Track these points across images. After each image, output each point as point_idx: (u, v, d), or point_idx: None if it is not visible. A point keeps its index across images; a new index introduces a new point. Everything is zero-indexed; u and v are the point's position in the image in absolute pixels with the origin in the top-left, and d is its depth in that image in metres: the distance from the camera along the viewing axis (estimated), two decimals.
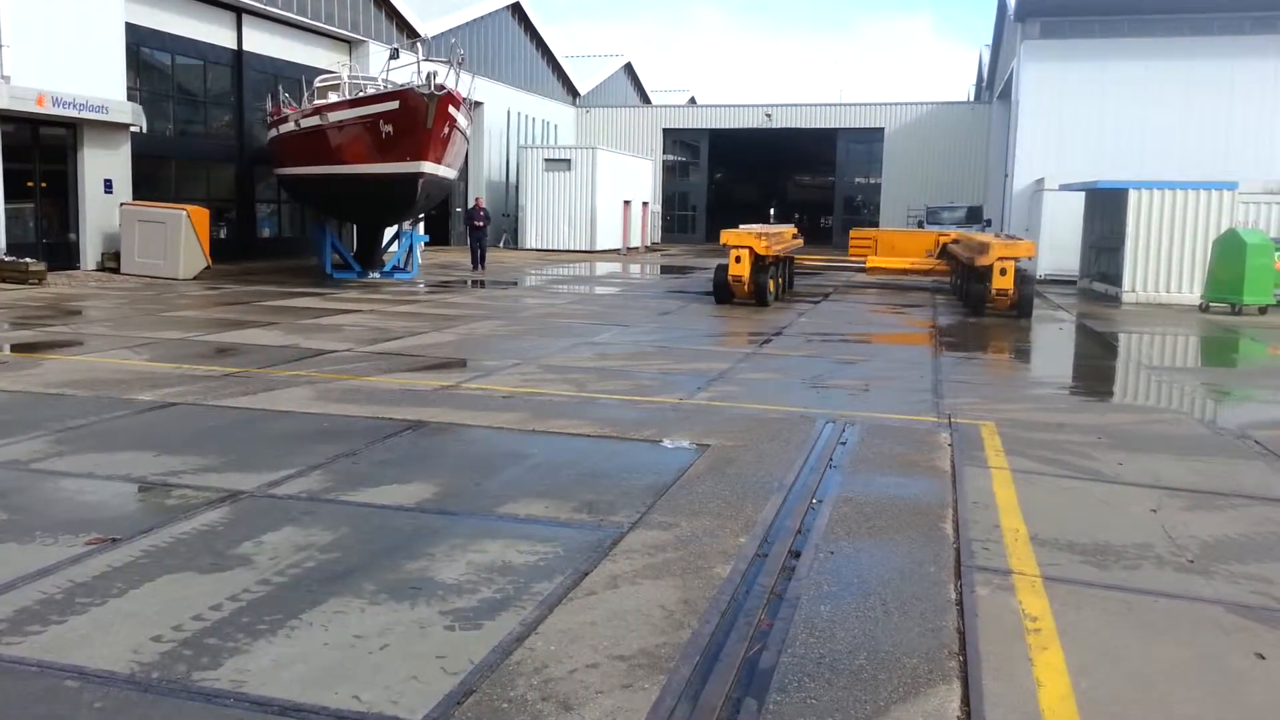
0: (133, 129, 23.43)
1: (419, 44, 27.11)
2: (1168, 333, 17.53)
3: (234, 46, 28.73)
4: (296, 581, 4.76)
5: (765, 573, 5.02)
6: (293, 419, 8.36)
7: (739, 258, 19.15)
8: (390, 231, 25.79)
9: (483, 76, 36.54)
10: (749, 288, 19.35)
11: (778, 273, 21.03)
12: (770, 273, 19.97)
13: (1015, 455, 7.62)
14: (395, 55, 23.36)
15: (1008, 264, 18.44)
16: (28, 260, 20.12)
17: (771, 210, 46.00)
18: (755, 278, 19.33)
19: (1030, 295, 19.11)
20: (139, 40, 25.05)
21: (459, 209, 39.05)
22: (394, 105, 20.67)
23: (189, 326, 14.54)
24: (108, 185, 23.09)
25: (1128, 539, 5.71)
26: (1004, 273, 18.44)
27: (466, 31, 39.33)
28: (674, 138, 55.76)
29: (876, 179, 52.31)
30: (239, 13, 28.47)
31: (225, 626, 4.23)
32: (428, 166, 21.18)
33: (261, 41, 29.54)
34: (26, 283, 19.57)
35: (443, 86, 20.08)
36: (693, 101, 66.75)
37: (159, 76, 27.15)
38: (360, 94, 23.32)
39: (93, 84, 22.01)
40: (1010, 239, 21.31)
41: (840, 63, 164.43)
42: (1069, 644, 4.27)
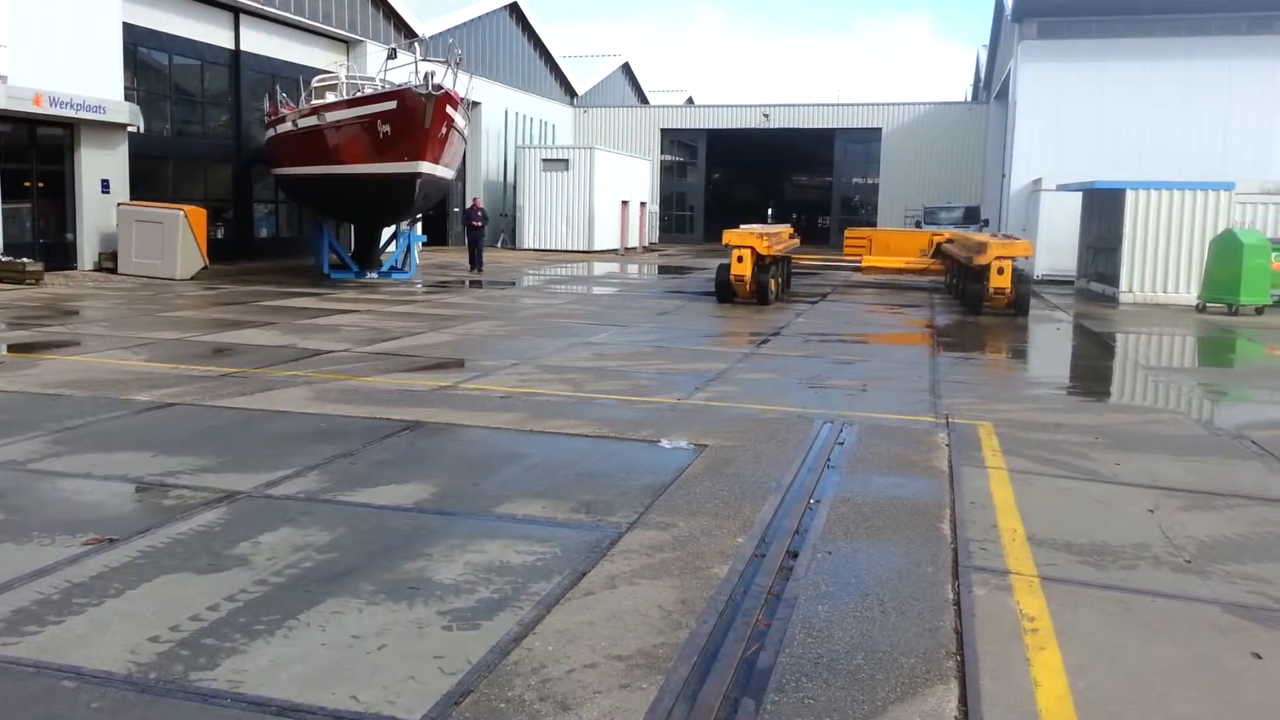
0: (130, 129, 23.41)
1: (417, 44, 27.11)
2: (1165, 333, 17.54)
3: (231, 46, 28.72)
4: (294, 582, 4.76)
5: (763, 573, 5.02)
6: (290, 419, 8.35)
7: (741, 257, 19.24)
8: (388, 231, 25.80)
9: (480, 76, 36.53)
10: (751, 287, 19.45)
11: (777, 272, 21.10)
12: (771, 272, 20.07)
13: (1013, 455, 7.62)
14: (393, 55, 23.36)
15: (1005, 263, 18.51)
16: (25, 260, 20.10)
17: (769, 210, 46.01)
18: (757, 277, 19.44)
19: (1027, 294, 19.18)
20: (136, 40, 25.03)
21: (457, 209, 39.03)
22: (392, 105, 20.67)
23: (186, 327, 14.53)
24: (105, 185, 23.07)
25: (1125, 539, 5.71)
26: (1001, 272, 18.50)
27: (464, 31, 39.35)
28: (672, 138, 55.77)
29: (874, 179, 52.34)
30: (236, 12, 28.46)
31: (222, 627, 4.23)
32: (425, 166, 21.19)
33: (259, 41, 29.53)
34: (23, 283, 19.55)
35: (440, 86, 20.08)
36: (690, 102, 66.75)
37: (156, 76, 27.13)
38: (358, 94, 23.33)
39: (90, 84, 21.98)
40: (1008, 239, 21.35)
41: (839, 63, 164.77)
42: (1066, 644, 4.27)
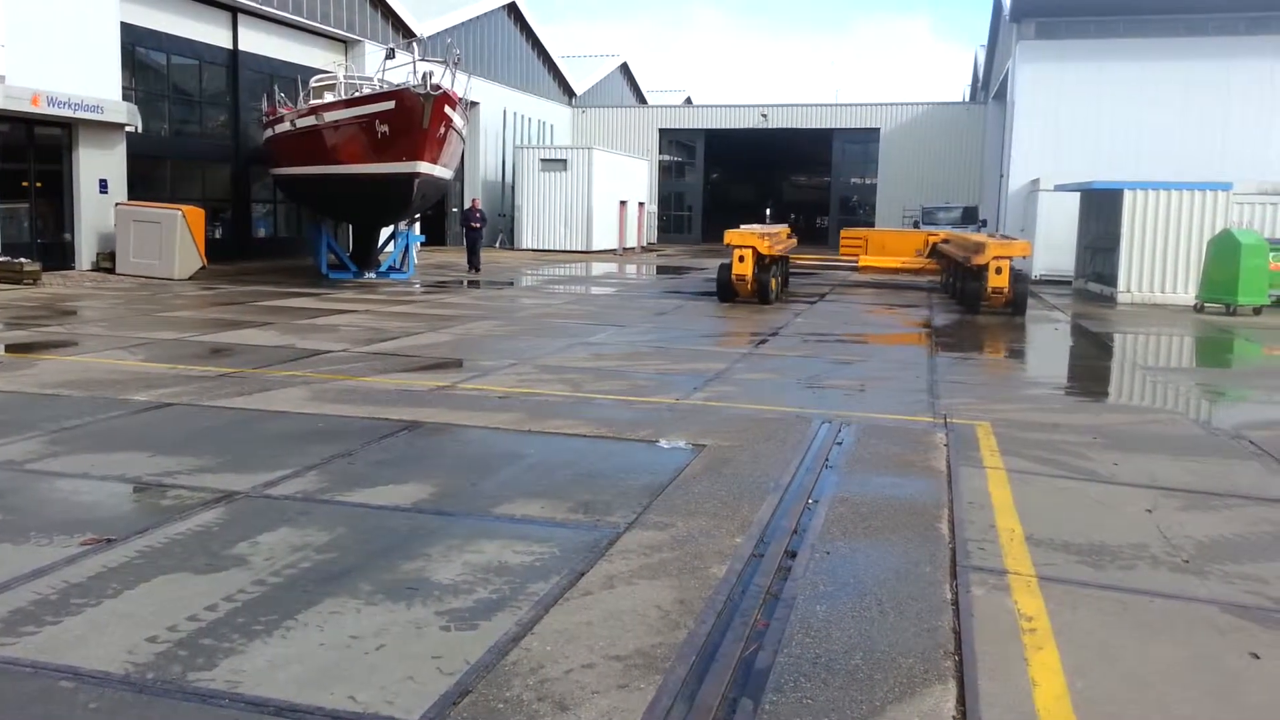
0: (128, 129, 23.39)
1: (415, 44, 27.09)
2: (1163, 333, 17.55)
3: (230, 46, 28.70)
4: (292, 582, 4.76)
5: (761, 573, 5.02)
6: (288, 419, 8.34)
7: (743, 257, 19.30)
8: (386, 232, 25.81)
9: (479, 76, 36.51)
10: (752, 286, 19.53)
11: (777, 272, 21.15)
12: (771, 272, 20.14)
13: (1011, 455, 7.62)
14: (391, 55, 23.33)
15: (1003, 263, 18.55)
16: (22, 260, 20.09)
17: (767, 210, 45.99)
18: (758, 277, 19.52)
19: (1025, 293, 19.20)
20: (134, 40, 25.01)
21: (455, 209, 39.03)
22: (390, 105, 20.67)
23: (184, 327, 14.52)
24: (103, 185, 23.05)
25: (1123, 539, 5.71)
26: (1000, 271, 18.54)
27: (462, 31, 39.34)
28: (670, 138, 55.74)
29: (872, 179, 52.32)
30: (235, 12, 28.45)
31: (220, 627, 4.23)
32: (424, 166, 21.18)
33: (257, 41, 29.51)
34: (21, 283, 19.53)
35: (439, 86, 20.07)
36: (689, 102, 66.74)
37: (154, 76, 27.10)
38: (356, 94, 23.32)
39: (88, 84, 21.97)
40: (1005, 239, 21.38)
41: (837, 63, 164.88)
42: (1064, 644, 4.27)
